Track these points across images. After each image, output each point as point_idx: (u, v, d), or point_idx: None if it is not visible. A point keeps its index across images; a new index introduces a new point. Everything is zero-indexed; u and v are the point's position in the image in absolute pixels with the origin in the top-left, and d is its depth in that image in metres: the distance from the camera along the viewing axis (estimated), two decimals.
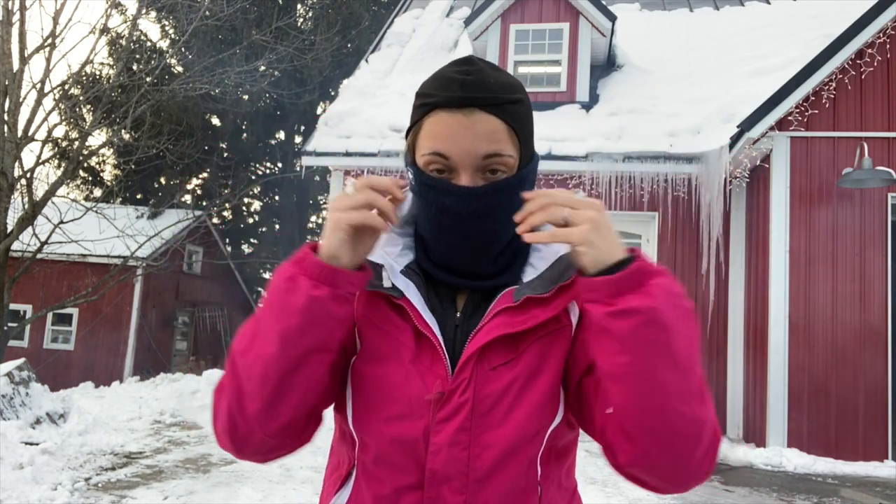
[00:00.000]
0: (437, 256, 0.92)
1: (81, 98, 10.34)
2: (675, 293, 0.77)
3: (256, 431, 0.82)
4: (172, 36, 18.25)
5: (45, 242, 8.66)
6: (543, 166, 7.89)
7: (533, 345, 0.86)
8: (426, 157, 0.86)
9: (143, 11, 11.05)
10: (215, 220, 18.73)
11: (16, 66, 8.37)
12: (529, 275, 0.91)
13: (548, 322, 0.86)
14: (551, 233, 0.80)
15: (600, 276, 0.77)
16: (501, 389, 0.85)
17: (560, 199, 0.81)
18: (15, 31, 8.37)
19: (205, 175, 19.91)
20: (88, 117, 13.42)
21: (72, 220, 8.75)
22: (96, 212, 9.12)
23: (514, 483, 0.85)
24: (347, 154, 8.35)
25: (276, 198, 21.86)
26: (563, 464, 0.93)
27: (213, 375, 9.80)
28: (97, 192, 18.68)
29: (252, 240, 22.56)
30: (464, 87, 0.83)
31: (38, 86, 8.64)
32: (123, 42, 13.69)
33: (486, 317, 0.87)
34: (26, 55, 8.49)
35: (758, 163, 6.93)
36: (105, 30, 9.74)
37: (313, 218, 22.74)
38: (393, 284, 0.88)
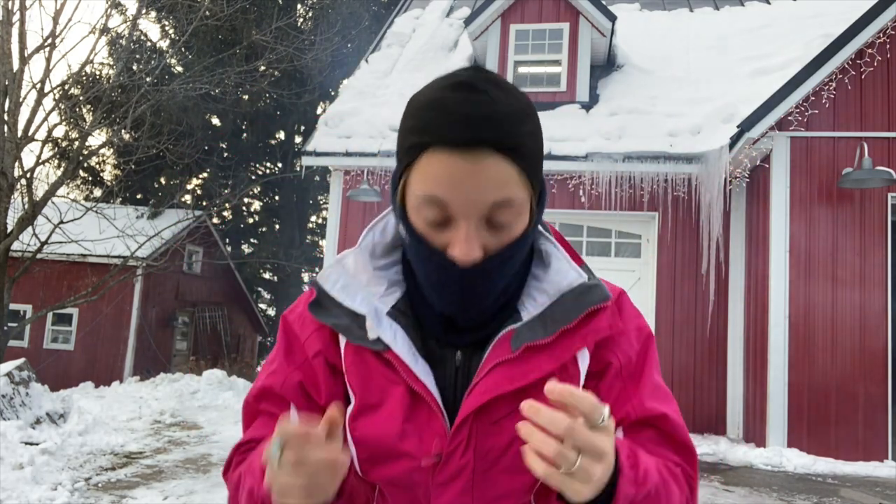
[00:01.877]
0: (429, 298, 0.81)
1: (81, 98, 10.34)
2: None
3: None
4: (172, 36, 18.24)
5: (45, 242, 8.67)
6: (544, 166, 7.88)
7: (535, 395, 0.72)
8: (420, 201, 0.74)
9: (143, 11, 11.06)
10: (215, 220, 18.73)
11: (16, 66, 8.37)
12: (529, 309, 0.81)
13: (551, 374, 0.76)
14: (546, 472, 0.62)
15: None
16: (505, 444, 0.78)
17: (579, 440, 0.62)
18: (15, 31, 8.37)
19: (205, 175, 19.90)
20: (88, 117, 13.42)
21: (72, 220, 8.75)
22: (96, 212, 9.13)
23: None
24: (347, 154, 8.36)
25: (276, 198, 21.85)
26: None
27: (213, 375, 9.80)
28: (97, 192, 18.67)
29: (252, 240, 22.54)
30: (470, 124, 0.70)
31: (38, 86, 8.64)
32: (123, 42, 13.68)
33: (481, 370, 0.78)
34: (26, 55, 8.49)
35: (758, 163, 6.93)
36: (105, 30, 9.74)
37: (313, 218, 22.73)
38: (378, 337, 0.79)
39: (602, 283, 0.83)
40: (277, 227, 21.58)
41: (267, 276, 22.66)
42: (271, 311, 23.00)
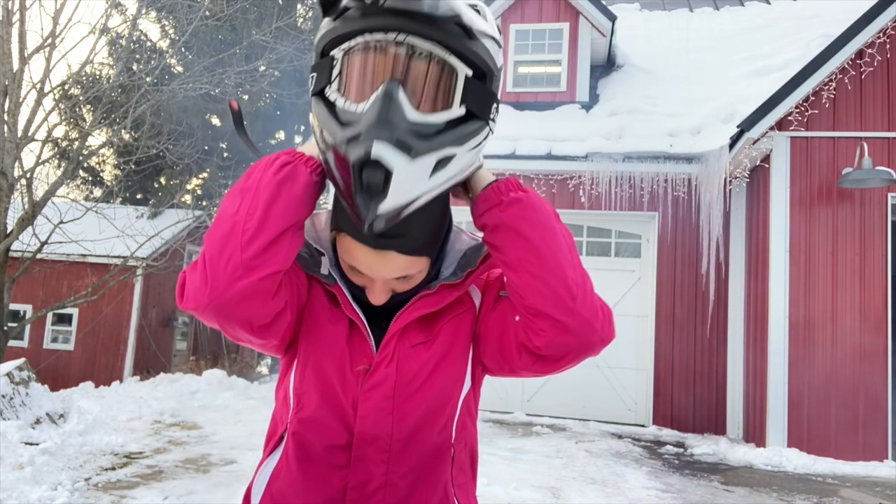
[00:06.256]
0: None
1: (81, 98, 10.33)
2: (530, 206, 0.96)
3: (239, 278, 0.88)
4: (172, 36, 18.23)
5: (45, 242, 8.66)
6: (544, 166, 7.89)
7: (445, 326, 1.05)
8: (343, 260, 1.01)
9: (143, 11, 11.05)
10: None
11: (16, 66, 8.36)
12: (445, 274, 1.08)
13: (456, 302, 1.05)
14: None
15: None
16: (420, 364, 1.02)
17: None
18: (15, 31, 8.36)
19: (205, 175, 19.89)
20: (88, 117, 13.42)
21: (72, 220, 8.74)
22: (96, 212, 9.11)
23: (431, 442, 1.02)
24: None
25: None
26: (472, 430, 1.11)
27: (213, 375, 9.81)
28: (97, 192, 18.65)
29: None
30: (376, 235, 0.91)
31: (38, 86, 8.63)
32: (123, 42, 13.68)
33: (408, 305, 1.03)
34: (26, 55, 8.48)
35: (758, 163, 6.93)
36: (105, 30, 9.73)
37: None
38: (329, 272, 1.04)
39: None
40: None
41: None
42: None
